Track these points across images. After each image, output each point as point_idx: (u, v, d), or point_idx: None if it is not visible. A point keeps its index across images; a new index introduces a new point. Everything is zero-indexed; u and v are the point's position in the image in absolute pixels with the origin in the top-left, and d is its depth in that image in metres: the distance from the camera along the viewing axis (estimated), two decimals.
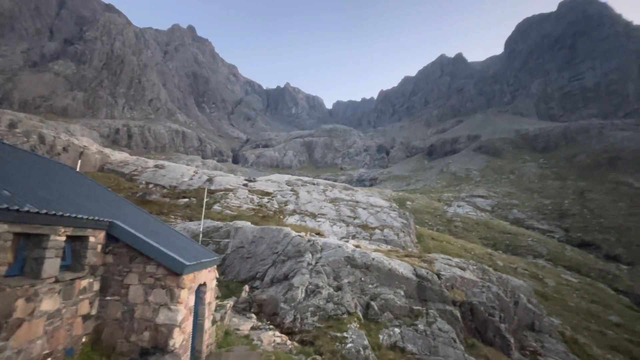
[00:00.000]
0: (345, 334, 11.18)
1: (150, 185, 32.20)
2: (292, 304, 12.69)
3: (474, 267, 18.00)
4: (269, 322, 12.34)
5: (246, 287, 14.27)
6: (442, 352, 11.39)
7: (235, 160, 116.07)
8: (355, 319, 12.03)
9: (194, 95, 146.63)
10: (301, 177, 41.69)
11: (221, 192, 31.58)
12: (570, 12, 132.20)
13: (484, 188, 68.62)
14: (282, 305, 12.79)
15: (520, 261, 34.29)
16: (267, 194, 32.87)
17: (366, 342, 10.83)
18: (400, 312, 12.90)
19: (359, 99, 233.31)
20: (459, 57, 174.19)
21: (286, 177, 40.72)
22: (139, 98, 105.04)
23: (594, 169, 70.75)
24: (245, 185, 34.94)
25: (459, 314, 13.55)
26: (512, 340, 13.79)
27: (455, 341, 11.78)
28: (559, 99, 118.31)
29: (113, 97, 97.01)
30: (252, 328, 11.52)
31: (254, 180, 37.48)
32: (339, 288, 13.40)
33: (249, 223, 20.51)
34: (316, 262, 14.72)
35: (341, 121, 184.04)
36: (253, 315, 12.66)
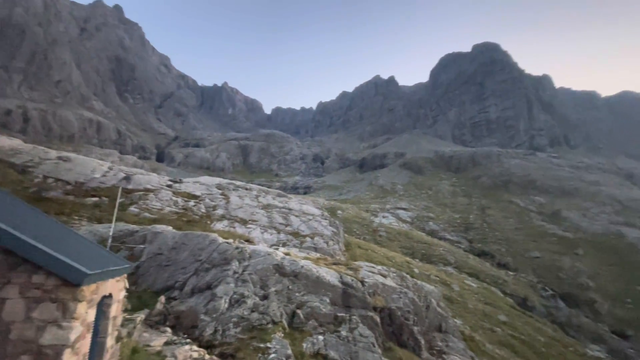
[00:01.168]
0: (268, 344, 10.92)
1: (50, 180, 27.44)
2: (214, 315, 11.96)
3: (394, 274, 19.36)
4: (186, 335, 11.39)
5: (162, 298, 12.99)
6: (362, 357, 11.89)
7: (160, 159, 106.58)
8: (280, 329, 11.85)
9: (116, 83, 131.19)
10: (233, 181, 40.09)
11: (140, 193, 28.51)
12: (480, 55, 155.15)
13: (407, 201, 75.06)
14: (202, 316, 11.95)
15: (433, 268, 38.08)
16: (194, 197, 30.76)
17: (289, 352, 10.73)
18: (325, 320, 13.14)
19: (298, 108, 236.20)
20: (392, 80, 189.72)
21: (217, 180, 38.75)
22: (43, 77, 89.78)
23: (492, 189, 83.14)
24: (169, 186, 32.18)
25: (378, 319, 14.35)
26: (422, 342, 15.10)
27: (374, 345, 12.41)
28: (470, 127, 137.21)
29: (6, 72, 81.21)
30: (166, 343, 10.49)
31: (180, 182, 34.79)
32: (265, 297, 13.09)
33: (170, 227, 18.87)
34: (243, 270, 14.18)
35: (279, 127, 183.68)
36: (168, 329, 11.55)
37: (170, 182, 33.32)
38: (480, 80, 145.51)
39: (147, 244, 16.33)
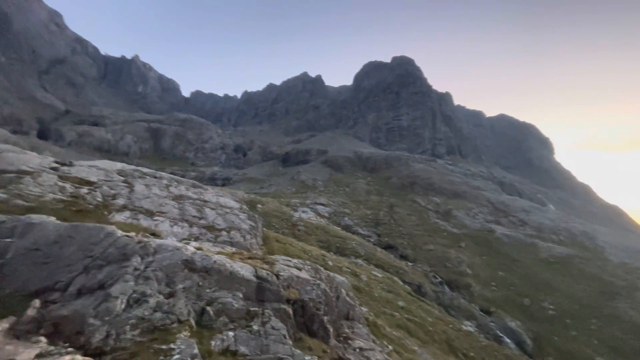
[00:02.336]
0: (172, 345, 10.13)
1: None
2: (107, 318, 10.52)
3: (309, 267, 19.98)
4: (67, 344, 9.75)
5: (36, 302, 10.85)
6: (273, 350, 11.98)
7: (44, 136, 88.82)
8: (187, 328, 11.12)
9: None
10: (140, 168, 35.67)
11: (12, 175, 23.14)
12: (398, 67, 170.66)
13: (326, 197, 78.27)
14: (91, 320, 10.40)
15: (345, 261, 40.61)
16: (89, 183, 26.39)
17: (196, 351, 10.15)
18: (237, 315, 12.82)
19: (221, 94, 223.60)
20: (319, 78, 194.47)
21: (119, 165, 33.89)
22: None
23: (400, 189, 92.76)
24: (55, 169, 26.90)
25: (291, 311, 14.65)
26: (331, 330, 15.99)
27: (285, 337, 12.62)
28: (385, 131, 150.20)
29: None
30: (39, 355, 8.81)
31: (71, 164, 29.41)
32: (171, 295, 12.08)
33: (53, 218, 15.82)
34: (146, 267, 12.80)
35: (199, 113, 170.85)
36: (43, 338, 9.70)
37: (56, 165, 27.89)
38: (396, 90, 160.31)
39: (17, 238, 13.42)
